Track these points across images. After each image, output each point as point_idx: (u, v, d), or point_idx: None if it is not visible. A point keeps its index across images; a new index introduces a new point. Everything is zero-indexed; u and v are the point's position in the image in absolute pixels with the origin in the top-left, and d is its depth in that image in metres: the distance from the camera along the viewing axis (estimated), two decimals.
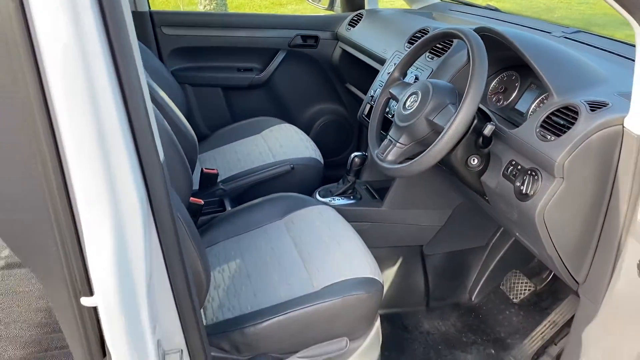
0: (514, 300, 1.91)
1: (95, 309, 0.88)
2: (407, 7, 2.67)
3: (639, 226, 1.08)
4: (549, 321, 1.73)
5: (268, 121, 2.40)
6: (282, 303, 1.32)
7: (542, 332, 1.72)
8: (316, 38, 2.57)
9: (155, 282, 0.92)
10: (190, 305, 0.96)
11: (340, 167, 2.29)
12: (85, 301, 0.84)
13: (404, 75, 1.65)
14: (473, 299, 1.99)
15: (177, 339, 0.99)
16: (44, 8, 0.70)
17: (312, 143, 2.25)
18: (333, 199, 1.93)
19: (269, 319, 1.28)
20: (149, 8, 2.40)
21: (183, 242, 0.93)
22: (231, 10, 9.07)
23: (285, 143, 2.22)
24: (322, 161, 2.16)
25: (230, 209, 1.87)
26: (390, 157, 1.45)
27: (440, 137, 1.29)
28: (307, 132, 2.44)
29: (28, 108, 0.76)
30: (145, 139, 0.83)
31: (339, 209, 1.75)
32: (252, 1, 10.05)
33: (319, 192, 1.98)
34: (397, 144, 1.45)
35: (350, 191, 1.96)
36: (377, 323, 1.44)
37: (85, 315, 0.88)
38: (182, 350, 0.98)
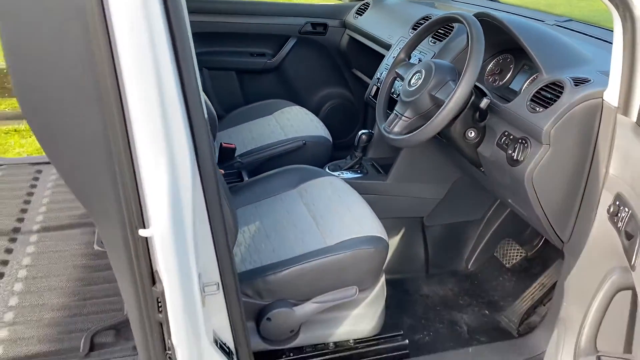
0: (507, 265, 2.08)
1: (147, 241, 1.04)
2: None
3: (609, 178, 1.25)
4: (538, 283, 1.89)
5: (279, 103, 2.56)
6: (298, 255, 1.48)
7: (532, 294, 1.88)
8: (325, 26, 2.73)
9: (197, 221, 1.08)
10: (225, 244, 1.12)
11: (346, 148, 2.45)
12: (143, 232, 1.00)
13: (409, 57, 1.81)
14: (469, 267, 2.15)
15: (214, 275, 1.15)
16: None
17: (322, 123, 2.40)
18: (341, 172, 2.09)
19: (288, 268, 1.44)
20: None
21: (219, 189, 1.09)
22: None
23: (296, 123, 2.37)
24: (330, 139, 2.32)
25: (247, 179, 2.03)
26: (396, 129, 1.61)
27: (441, 109, 1.45)
28: (316, 114, 2.59)
29: (100, 69, 0.91)
30: (194, 97, 0.99)
31: (347, 182, 1.91)
32: None
33: (328, 166, 2.14)
34: (403, 118, 1.61)
35: (357, 166, 2.12)
36: (383, 279, 1.60)
37: (139, 247, 1.03)
38: (218, 283, 1.14)
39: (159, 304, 1.07)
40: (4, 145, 3.70)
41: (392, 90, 1.94)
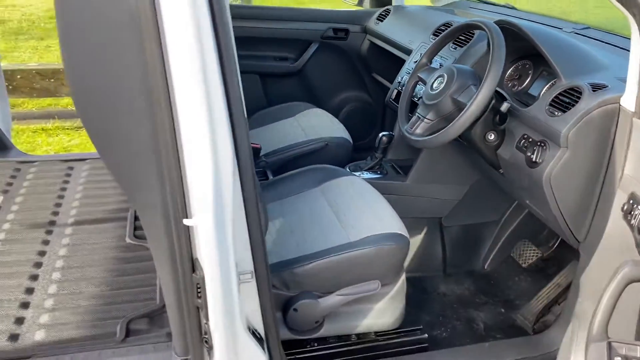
0: (523, 265, 2.13)
1: (189, 231, 1.12)
2: (430, 4, 2.89)
3: (624, 178, 1.30)
4: (554, 283, 1.94)
5: (301, 105, 2.64)
6: (323, 250, 1.55)
7: (547, 293, 1.93)
8: (346, 31, 2.80)
9: (235, 214, 1.15)
10: (259, 236, 1.19)
11: (365, 149, 2.52)
12: (187, 222, 1.07)
13: (431, 62, 1.88)
14: (486, 267, 2.21)
15: (247, 265, 1.22)
16: None
17: (342, 125, 2.48)
18: (362, 173, 2.16)
19: (314, 262, 1.51)
20: None
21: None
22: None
23: (317, 124, 2.45)
24: (351, 141, 2.39)
25: (272, 178, 2.10)
26: (418, 131, 1.68)
27: (463, 112, 1.51)
28: (335, 117, 2.67)
29: (151, 68, 0.99)
30: (236, 99, 1.07)
31: (367, 181, 1.98)
32: None
33: (349, 167, 2.21)
34: (425, 120, 1.67)
35: (377, 167, 2.19)
36: (404, 275, 1.66)
37: (182, 236, 1.11)
38: (252, 272, 1.21)
39: (198, 290, 1.14)
40: (32, 144, 3.81)
41: (414, 93, 2.01)
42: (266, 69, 2.80)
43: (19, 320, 1.52)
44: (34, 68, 4.33)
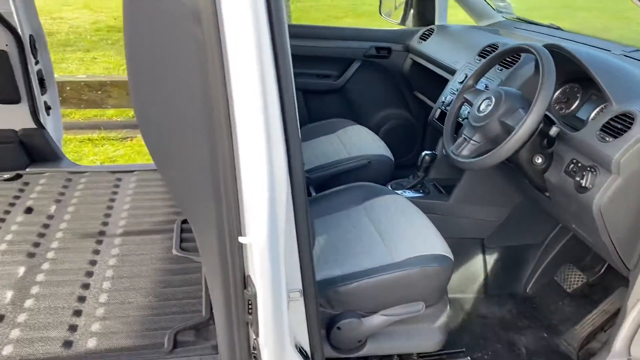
0: (567, 290, 2.10)
1: (242, 248, 1.15)
2: (474, 23, 2.89)
3: None
4: (600, 310, 1.90)
5: (342, 122, 2.67)
6: (368, 269, 1.56)
7: (592, 320, 1.90)
8: (389, 50, 2.83)
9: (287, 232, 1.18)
10: (309, 254, 1.21)
11: (405, 167, 2.53)
12: (243, 239, 1.10)
13: (477, 83, 1.88)
14: (528, 290, 2.18)
15: (296, 283, 1.24)
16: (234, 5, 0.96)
17: (383, 142, 2.49)
18: (404, 191, 2.17)
19: (357, 281, 1.52)
20: None
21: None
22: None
23: (358, 141, 2.47)
24: (392, 158, 2.40)
25: (315, 194, 2.13)
26: (464, 153, 1.68)
27: (511, 135, 1.51)
28: (375, 134, 2.68)
29: (213, 91, 1.03)
30: (292, 120, 1.10)
31: (410, 200, 1.98)
32: (308, 15, 10.41)
33: (390, 185, 2.22)
34: (471, 142, 1.68)
35: (419, 185, 2.20)
36: (447, 297, 1.66)
37: (235, 252, 1.14)
38: (300, 290, 1.23)
39: (249, 306, 1.17)
40: (79, 153, 3.95)
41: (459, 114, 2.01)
42: (309, 85, 2.85)
43: (72, 328, 1.58)
44: (83, 80, 4.50)
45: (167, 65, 1.10)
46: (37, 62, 2.58)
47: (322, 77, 2.86)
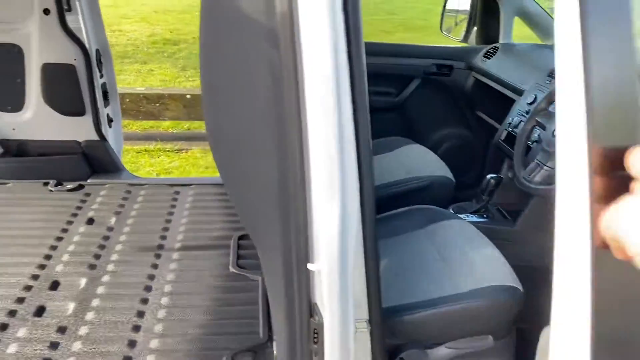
0: None
1: (309, 274, 1.11)
2: (539, 42, 2.78)
3: None
4: None
5: (400, 141, 2.61)
6: (433, 299, 1.49)
7: None
8: (450, 67, 2.76)
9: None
10: (376, 284, 1.17)
11: (463, 189, 2.44)
12: (311, 266, 1.07)
13: (550, 105, 1.79)
14: None
15: (363, 313, 1.19)
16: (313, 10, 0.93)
17: (443, 163, 2.41)
18: (467, 216, 2.08)
19: (422, 311, 1.45)
20: None
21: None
22: None
23: (417, 161, 2.40)
24: (453, 180, 2.32)
25: None
26: (537, 179, 1.60)
27: None
28: (434, 153, 2.61)
29: (287, 114, 1.00)
30: (366, 143, 1.06)
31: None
32: None
33: (452, 208, 2.15)
34: (545, 167, 1.59)
35: (483, 210, 2.11)
36: (514, 329, 1.57)
37: (302, 279, 1.10)
38: (367, 320, 1.18)
39: (315, 336, 1.13)
40: (136, 164, 4.04)
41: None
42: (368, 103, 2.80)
43: (132, 343, 1.58)
44: (141, 92, 4.62)
45: (241, 84, 1.08)
46: (102, 76, 2.65)
47: (381, 95, 2.81)
